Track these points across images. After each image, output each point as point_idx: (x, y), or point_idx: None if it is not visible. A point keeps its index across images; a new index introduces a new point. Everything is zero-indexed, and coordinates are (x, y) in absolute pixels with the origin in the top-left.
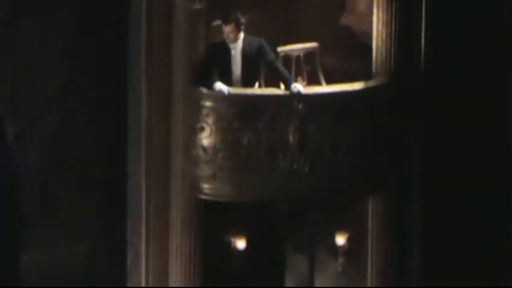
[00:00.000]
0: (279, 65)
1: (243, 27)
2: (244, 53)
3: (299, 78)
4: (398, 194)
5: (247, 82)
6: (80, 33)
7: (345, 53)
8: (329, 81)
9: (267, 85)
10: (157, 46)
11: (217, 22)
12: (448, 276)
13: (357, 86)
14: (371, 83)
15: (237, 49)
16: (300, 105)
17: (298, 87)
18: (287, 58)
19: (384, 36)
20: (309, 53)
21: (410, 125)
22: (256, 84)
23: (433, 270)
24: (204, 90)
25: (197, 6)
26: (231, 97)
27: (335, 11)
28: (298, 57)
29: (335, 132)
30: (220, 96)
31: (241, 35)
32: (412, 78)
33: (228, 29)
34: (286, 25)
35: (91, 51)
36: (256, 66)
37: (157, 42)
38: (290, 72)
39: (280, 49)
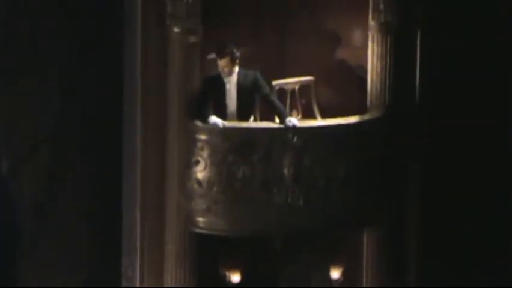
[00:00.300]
0: (274, 98)
1: (237, 60)
2: (239, 86)
3: (294, 112)
4: (394, 227)
5: (242, 115)
6: (74, 68)
7: (340, 86)
8: (324, 115)
9: (262, 118)
10: (152, 79)
11: (212, 55)
12: None
13: (352, 119)
14: (366, 117)
15: (231, 82)
16: (295, 139)
17: (293, 120)
18: (282, 91)
19: (379, 70)
20: (304, 86)
21: (406, 158)
22: (251, 118)
23: None
24: (199, 123)
25: (192, 39)
26: (225, 130)
27: (329, 44)
28: (293, 90)
29: (330, 166)
30: (214, 129)
31: (236, 68)
32: (407, 112)
33: (222, 62)
34: (281, 58)
35: (85, 86)
36: (251, 100)
37: (152, 76)
38: (285, 106)
39: (275, 82)
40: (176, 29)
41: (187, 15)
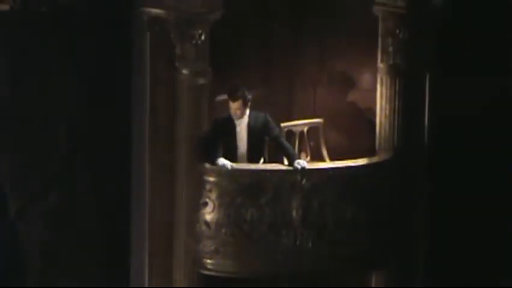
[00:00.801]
0: (283, 140)
1: (249, 103)
2: (250, 128)
3: (302, 154)
4: (402, 267)
5: (253, 157)
6: (83, 109)
7: (349, 128)
8: (333, 157)
9: (271, 160)
10: (160, 121)
11: (222, 97)
12: None
13: (361, 162)
14: (375, 159)
15: (242, 124)
16: (304, 181)
17: (302, 163)
18: (290, 133)
19: (387, 112)
20: (312, 129)
21: (415, 201)
22: (261, 160)
23: None
24: (207, 165)
25: (201, 81)
26: (234, 172)
27: (338, 86)
28: (301, 132)
29: (339, 208)
30: (223, 171)
31: (247, 111)
32: (416, 154)
33: (235, 105)
34: (290, 101)
35: (94, 127)
36: (262, 142)
37: (161, 118)
38: (293, 148)
39: (283, 124)
40: (185, 71)
41: (196, 58)
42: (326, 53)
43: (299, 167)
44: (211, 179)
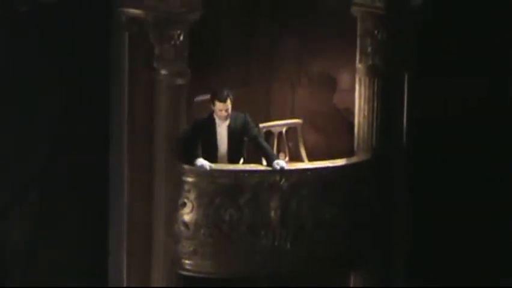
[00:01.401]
0: (262, 141)
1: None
2: (230, 128)
3: (281, 154)
4: (381, 268)
5: (233, 158)
6: (62, 109)
7: (327, 129)
8: (311, 158)
9: (249, 160)
10: (138, 122)
11: (201, 97)
12: None
13: (339, 162)
14: (354, 160)
15: (223, 125)
16: (283, 181)
17: (281, 163)
18: (269, 134)
19: (366, 113)
20: (291, 129)
21: (394, 202)
22: (241, 160)
23: None
24: (186, 166)
25: (179, 82)
26: (212, 173)
27: (317, 87)
28: (280, 133)
29: (317, 209)
30: (202, 172)
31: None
32: (395, 155)
33: (221, 106)
34: (269, 101)
35: (74, 127)
36: (241, 142)
37: (139, 118)
38: (272, 148)
39: (262, 125)
40: (163, 72)
41: (175, 58)
42: (305, 53)
43: (278, 167)
44: (190, 179)
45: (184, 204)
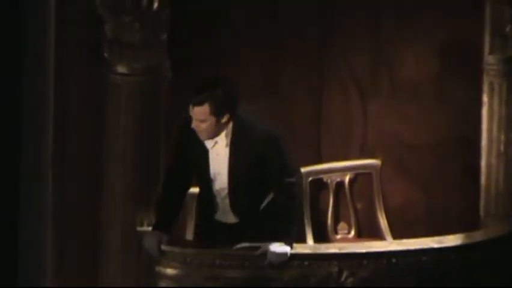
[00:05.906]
0: (289, 193)
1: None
2: (233, 148)
3: (341, 225)
4: None
5: (240, 204)
6: None
7: (429, 177)
8: (399, 231)
9: None
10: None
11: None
12: None
13: (451, 240)
14: (478, 236)
15: (220, 142)
16: (344, 277)
17: (279, 250)
18: (319, 185)
19: (502, 146)
20: (361, 177)
21: None
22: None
23: None
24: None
25: (153, 85)
26: None
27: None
28: (339, 183)
29: None
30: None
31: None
32: None
33: (193, 113)
34: (317, 125)
35: None
36: (256, 178)
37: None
38: (325, 213)
39: (305, 169)
40: (121, 69)
41: (144, 43)
42: (383, 44)
43: (271, 257)
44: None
45: None
